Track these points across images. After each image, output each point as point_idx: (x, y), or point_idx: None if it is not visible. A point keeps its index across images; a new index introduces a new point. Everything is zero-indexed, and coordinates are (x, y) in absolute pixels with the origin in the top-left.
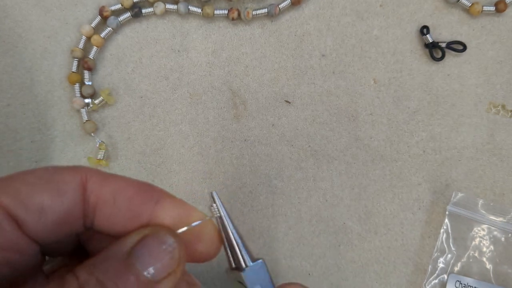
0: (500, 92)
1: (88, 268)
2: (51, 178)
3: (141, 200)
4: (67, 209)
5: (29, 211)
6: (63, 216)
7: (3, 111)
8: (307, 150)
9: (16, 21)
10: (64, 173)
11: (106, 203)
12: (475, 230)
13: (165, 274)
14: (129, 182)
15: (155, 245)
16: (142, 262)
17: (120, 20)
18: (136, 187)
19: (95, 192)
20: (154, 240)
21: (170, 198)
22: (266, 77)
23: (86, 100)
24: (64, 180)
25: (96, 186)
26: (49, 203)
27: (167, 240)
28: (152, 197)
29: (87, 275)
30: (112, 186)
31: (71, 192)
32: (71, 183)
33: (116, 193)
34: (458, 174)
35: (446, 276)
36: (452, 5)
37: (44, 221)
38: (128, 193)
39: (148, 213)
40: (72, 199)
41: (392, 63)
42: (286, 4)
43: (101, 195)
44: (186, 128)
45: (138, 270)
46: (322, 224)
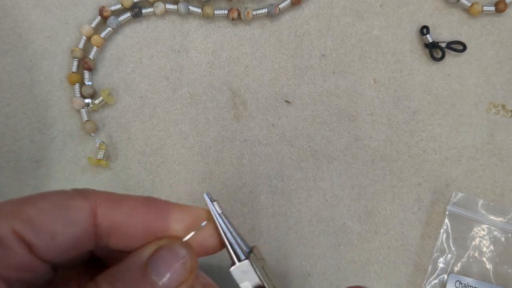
0: (500, 92)
1: (109, 278)
2: (62, 205)
3: (153, 217)
4: (78, 235)
5: (40, 236)
6: (74, 241)
7: (3, 111)
8: (307, 150)
9: (16, 21)
10: (75, 200)
11: (120, 226)
12: (475, 230)
13: (178, 283)
14: (138, 201)
15: (169, 256)
16: (157, 272)
17: (120, 20)
18: (145, 205)
19: (107, 217)
20: (168, 251)
21: (177, 207)
22: (266, 77)
23: (86, 100)
24: (75, 206)
25: (108, 211)
26: (60, 230)
27: (180, 251)
28: (162, 212)
29: (108, 286)
30: (124, 209)
31: (81, 219)
32: (82, 210)
33: (128, 215)
34: (458, 174)
35: (446, 276)
36: (452, 5)
37: (55, 245)
38: (140, 214)
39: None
40: (83, 226)
41: (392, 63)
42: (286, 4)
43: (114, 220)
44: (186, 128)
45: (154, 280)
46: (322, 224)
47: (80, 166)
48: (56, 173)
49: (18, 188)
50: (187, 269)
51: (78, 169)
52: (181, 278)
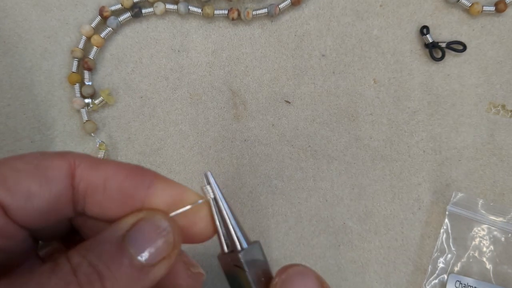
0: (500, 92)
1: (81, 251)
2: (39, 164)
3: (133, 184)
4: (55, 196)
5: (15, 197)
6: (51, 202)
7: (3, 111)
8: (307, 150)
9: (16, 22)
10: (52, 159)
11: (96, 189)
12: (475, 230)
13: (159, 258)
14: (120, 167)
15: (150, 229)
16: (136, 246)
17: (120, 20)
18: (127, 171)
19: (85, 178)
20: (148, 224)
21: (163, 180)
22: (266, 77)
23: (86, 100)
24: (52, 166)
25: (86, 173)
26: (36, 190)
27: (162, 224)
28: (144, 180)
29: (79, 258)
30: (102, 172)
31: (59, 179)
32: (59, 170)
33: (106, 179)
34: (458, 174)
35: (446, 276)
36: (452, 5)
37: (31, 207)
38: (119, 178)
39: (141, 197)
40: (60, 186)
41: (392, 63)
42: (286, 4)
43: (91, 182)
44: (186, 128)
45: (132, 254)
46: (322, 224)
47: None
48: None
49: None
50: (169, 244)
51: None
52: (162, 253)
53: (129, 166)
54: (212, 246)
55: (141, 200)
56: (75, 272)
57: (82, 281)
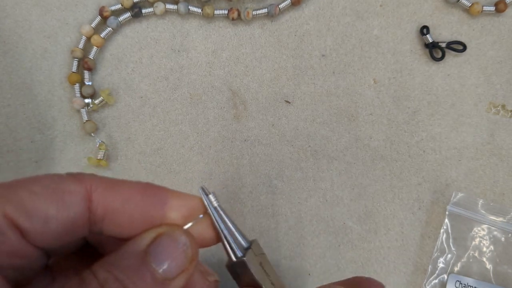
0: (500, 92)
1: (105, 266)
2: (56, 188)
3: (150, 204)
4: (72, 220)
5: (33, 221)
6: (67, 225)
7: (3, 111)
8: (307, 150)
9: (16, 21)
10: (69, 183)
11: (114, 211)
12: (475, 230)
13: (179, 271)
14: (135, 188)
15: (170, 243)
16: (157, 260)
17: (120, 20)
18: (142, 192)
19: (102, 202)
20: (168, 239)
21: (176, 195)
22: (266, 77)
23: (86, 100)
24: (69, 190)
25: (103, 197)
26: (54, 214)
27: (181, 239)
28: (160, 199)
29: (106, 273)
30: (119, 195)
31: (75, 204)
32: (76, 194)
33: (124, 201)
34: (458, 174)
35: (446, 276)
36: (452, 5)
37: (48, 230)
38: (136, 199)
39: (158, 214)
40: (77, 211)
41: (392, 63)
42: (286, 4)
43: (109, 205)
44: (186, 128)
45: (154, 268)
46: (322, 224)
47: (80, 166)
48: None
49: None
50: (188, 257)
51: (78, 169)
52: (182, 266)
53: (143, 185)
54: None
55: (158, 218)
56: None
57: None
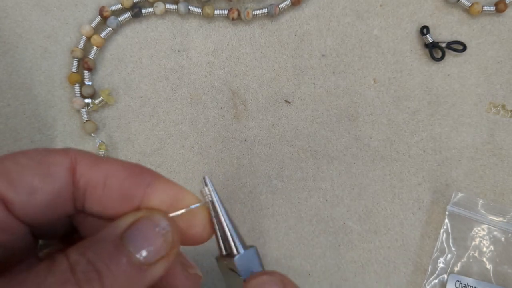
0: (500, 92)
1: (79, 249)
2: (41, 160)
3: (133, 183)
4: (57, 191)
5: (18, 192)
6: (52, 198)
7: (3, 111)
8: (307, 150)
9: (16, 21)
10: (54, 155)
11: (96, 186)
12: (475, 230)
13: (157, 257)
14: (121, 165)
15: (149, 228)
16: (134, 244)
17: (120, 20)
18: (127, 170)
19: (85, 175)
20: (147, 223)
21: (162, 180)
22: (266, 77)
23: (86, 100)
24: (55, 162)
25: (86, 169)
26: (39, 185)
27: (161, 223)
28: (143, 179)
29: (78, 256)
30: (102, 169)
31: (60, 175)
32: (61, 165)
33: (106, 176)
34: (458, 174)
35: (446, 276)
36: (452, 5)
37: (33, 202)
38: (119, 176)
39: (140, 196)
40: (62, 181)
41: (392, 63)
42: (286, 4)
43: (91, 179)
44: (186, 128)
45: (131, 252)
46: (322, 224)
47: None
48: None
49: None
50: (167, 243)
51: None
52: (160, 252)
53: (129, 164)
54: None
55: (140, 199)
56: (73, 270)
57: (80, 279)
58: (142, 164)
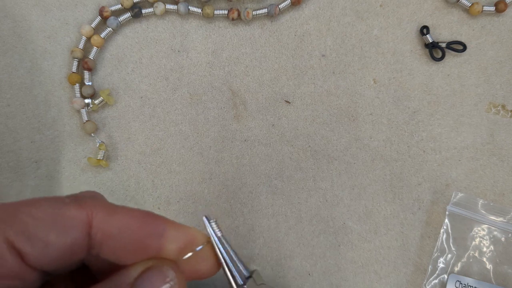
0: (500, 92)
1: None
2: (57, 214)
3: (147, 233)
4: (71, 245)
5: (33, 246)
6: (66, 250)
7: (3, 111)
8: (307, 150)
9: (16, 21)
10: (70, 208)
11: (112, 238)
12: (475, 230)
13: None
14: (134, 215)
15: (157, 278)
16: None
17: (120, 21)
18: (141, 220)
19: (101, 228)
20: (155, 273)
21: (174, 227)
22: (266, 77)
23: (86, 101)
24: (70, 216)
25: (102, 222)
26: (54, 240)
27: (169, 274)
28: (157, 230)
29: None
30: (118, 221)
31: (75, 230)
32: (77, 221)
33: (121, 228)
34: (458, 174)
35: (446, 276)
36: (452, 5)
37: (47, 254)
38: (133, 227)
39: (154, 245)
40: (77, 236)
41: (392, 63)
42: (286, 4)
43: (107, 231)
44: (186, 128)
45: None
46: (322, 224)
47: (80, 166)
48: (56, 173)
49: (18, 188)
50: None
51: (78, 169)
52: None
53: (142, 213)
54: None
55: (154, 248)
56: None
57: None
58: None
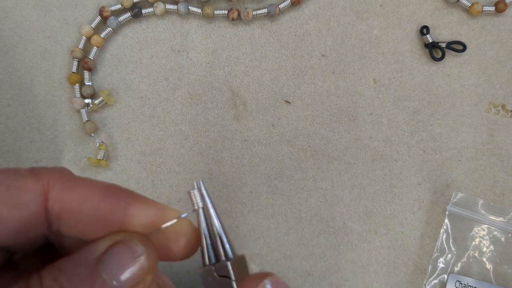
0: (500, 92)
1: (53, 272)
2: (10, 186)
3: (109, 206)
4: (27, 219)
5: None
6: (22, 225)
7: (3, 111)
8: (307, 150)
9: (16, 22)
10: (25, 180)
11: (71, 211)
12: (475, 230)
13: (132, 283)
14: (96, 187)
15: (125, 253)
16: (110, 270)
17: (120, 21)
18: (103, 193)
19: (59, 201)
20: (123, 248)
21: (140, 200)
22: (266, 77)
23: (86, 101)
24: (25, 187)
25: (60, 194)
26: (6, 215)
27: (137, 248)
28: (120, 202)
29: (51, 281)
30: (77, 193)
31: (31, 203)
32: (32, 192)
33: (81, 201)
34: (458, 174)
35: (446, 276)
36: (452, 5)
37: (1, 230)
38: (94, 200)
39: (118, 219)
40: (32, 209)
41: (392, 63)
42: (286, 4)
43: (65, 204)
44: (186, 128)
45: (105, 279)
46: (322, 224)
47: (80, 166)
48: None
49: None
50: (143, 270)
51: (78, 169)
52: (135, 279)
53: (105, 186)
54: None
55: (118, 222)
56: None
57: None
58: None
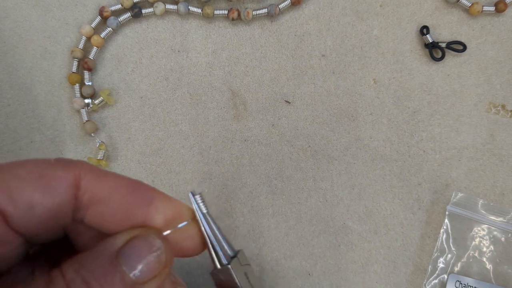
0: (500, 92)
1: (74, 265)
2: (42, 173)
3: (135, 200)
4: (57, 207)
5: (17, 206)
6: (52, 212)
7: (3, 111)
8: (307, 150)
9: (16, 22)
10: (57, 169)
11: (99, 202)
12: (475, 230)
13: (150, 276)
14: (123, 181)
15: (143, 247)
16: (128, 263)
17: (120, 21)
18: (129, 186)
19: (89, 190)
20: (142, 242)
21: (163, 197)
22: (266, 77)
23: (86, 101)
24: (56, 176)
25: (90, 185)
26: (39, 200)
27: (155, 243)
28: (145, 198)
29: (73, 274)
30: (106, 185)
31: (62, 190)
32: (64, 181)
33: (110, 193)
34: (458, 174)
35: (446, 276)
36: (452, 5)
37: (32, 216)
38: (122, 192)
39: (142, 212)
40: (63, 197)
41: (392, 63)
42: (286, 4)
43: (95, 194)
44: (186, 128)
45: (124, 271)
46: (322, 224)
47: None
48: None
49: None
50: (161, 263)
51: None
52: (153, 271)
53: (131, 181)
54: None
55: (141, 217)
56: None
57: None
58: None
